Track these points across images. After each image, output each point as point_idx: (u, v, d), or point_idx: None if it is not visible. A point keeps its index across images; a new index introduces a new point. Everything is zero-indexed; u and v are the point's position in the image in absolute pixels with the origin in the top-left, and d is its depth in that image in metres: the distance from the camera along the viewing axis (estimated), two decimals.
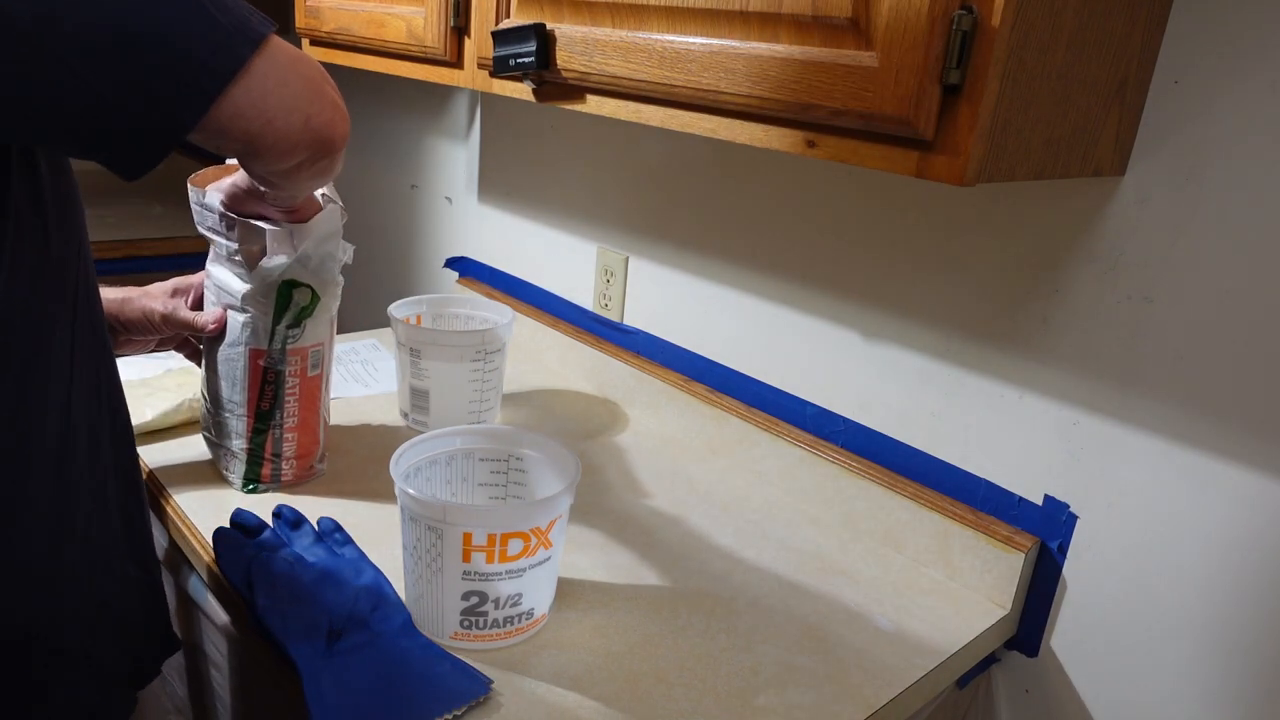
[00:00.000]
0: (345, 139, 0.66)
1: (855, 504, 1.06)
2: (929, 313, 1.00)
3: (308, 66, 0.62)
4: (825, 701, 0.77)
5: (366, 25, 1.17)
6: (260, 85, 0.57)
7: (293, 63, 0.60)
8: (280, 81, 0.59)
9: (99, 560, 0.74)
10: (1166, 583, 0.86)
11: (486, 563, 0.76)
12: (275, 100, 0.58)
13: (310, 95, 0.61)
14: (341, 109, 0.65)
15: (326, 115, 0.63)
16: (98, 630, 0.75)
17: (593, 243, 1.40)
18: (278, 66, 0.58)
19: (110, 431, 0.76)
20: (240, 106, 0.57)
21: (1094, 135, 0.75)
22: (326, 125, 0.63)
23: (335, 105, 0.64)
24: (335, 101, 0.64)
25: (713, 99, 0.75)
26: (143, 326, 0.94)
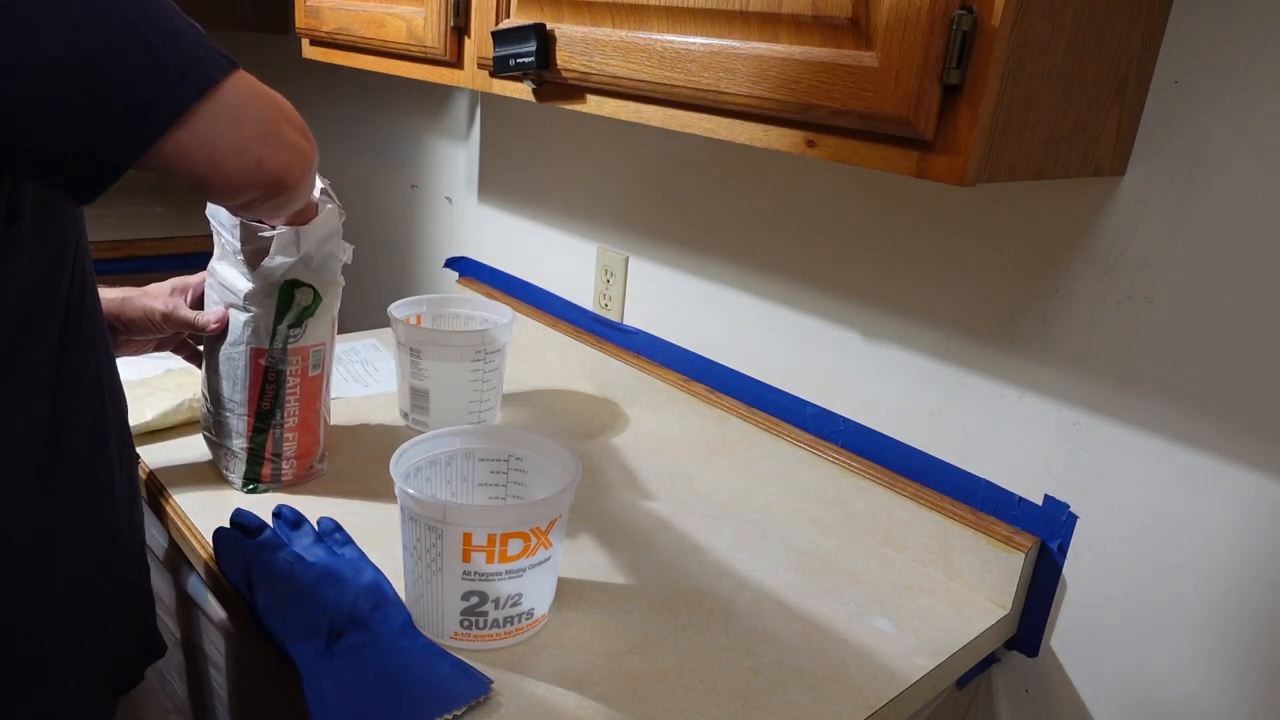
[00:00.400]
0: (301, 180, 0.66)
1: (855, 504, 1.06)
2: (929, 313, 1.00)
3: (266, 107, 0.62)
4: (825, 702, 0.77)
5: (366, 25, 1.17)
6: (208, 128, 0.57)
7: (249, 104, 0.60)
8: (232, 124, 0.59)
9: (95, 562, 0.74)
10: (1166, 583, 0.86)
11: (486, 563, 0.76)
12: (225, 144, 0.59)
13: (264, 138, 0.61)
14: (300, 150, 0.65)
15: (281, 158, 0.63)
16: (85, 633, 0.74)
17: (593, 243, 1.40)
18: (230, 109, 0.59)
19: (116, 432, 0.76)
20: (186, 149, 0.57)
21: (1094, 135, 0.75)
22: (280, 168, 0.63)
23: (292, 147, 0.64)
24: (293, 143, 0.64)
25: (713, 99, 0.75)
26: (143, 326, 0.94)
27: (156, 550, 1.03)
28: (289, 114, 0.65)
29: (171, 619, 1.04)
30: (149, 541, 1.03)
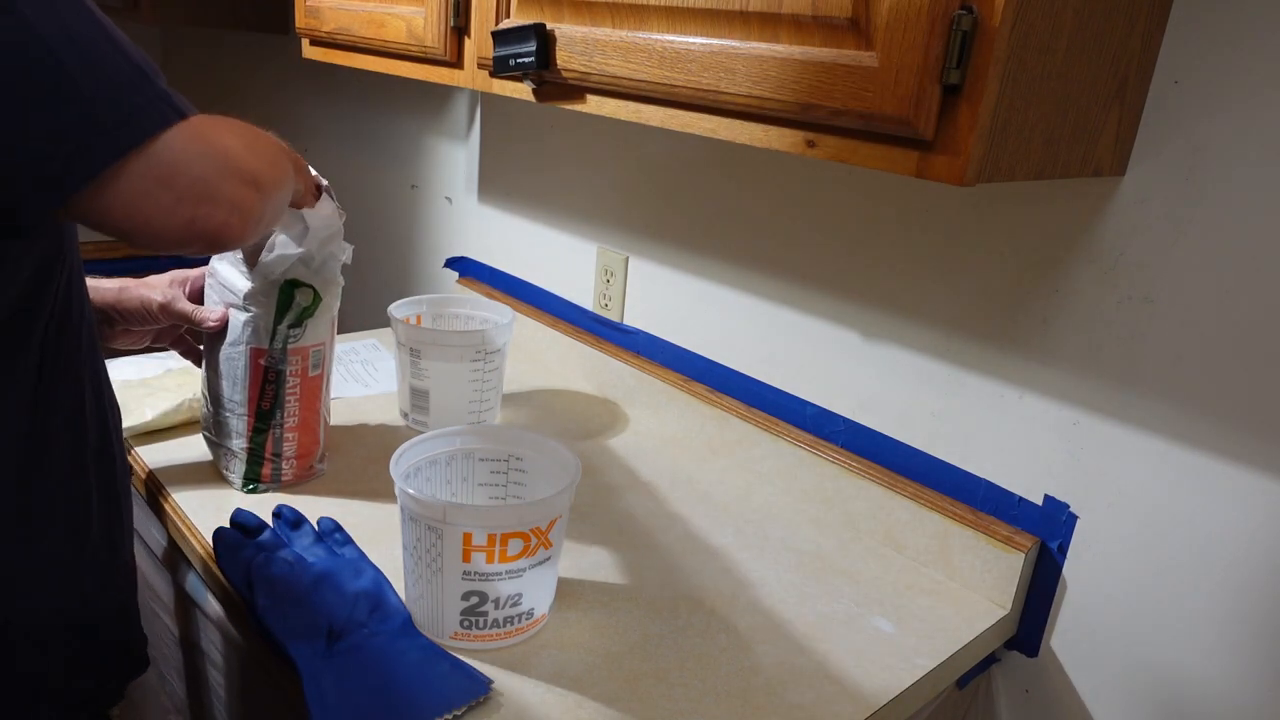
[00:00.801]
0: (244, 234, 0.61)
1: (855, 504, 1.06)
2: (929, 313, 1.00)
3: (206, 162, 0.58)
4: (825, 702, 0.77)
5: (366, 25, 1.17)
6: (133, 187, 0.54)
7: (185, 161, 0.56)
8: (161, 182, 0.55)
9: (75, 581, 0.74)
10: (1166, 582, 0.86)
11: (486, 563, 0.76)
12: (151, 204, 0.55)
13: (199, 197, 0.57)
14: (244, 206, 0.60)
15: (218, 218, 0.58)
16: (65, 651, 0.74)
17: (593, 243, 1.40)
18: (161, 166, 0.55)
19: (99, 448, 0.76)
20: (106, 205, 0.54)
21: (1094, 135, 0.75)
22: (217, 228, 0.58)
23: (234, 204, 0.59)
24: (235, 200, 0.60)
25: (713, 99, 0.75)
26: (140, 316, 0.93)
27: (156, 550, 1.03)
28: (237, 165, 0.60)
29: (171, 618, 1.04)
30: (149, 541, 1.03)
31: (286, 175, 0.70)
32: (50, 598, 0.72)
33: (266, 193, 0.63)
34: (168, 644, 1.06)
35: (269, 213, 0.65)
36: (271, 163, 0.65)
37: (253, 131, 0.67)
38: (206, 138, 0.58)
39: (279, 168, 0.67)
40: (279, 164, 0.68)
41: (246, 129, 0.66)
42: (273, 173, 0.65)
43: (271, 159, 0.66)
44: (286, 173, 0.70)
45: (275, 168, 0.66)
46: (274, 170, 0.65)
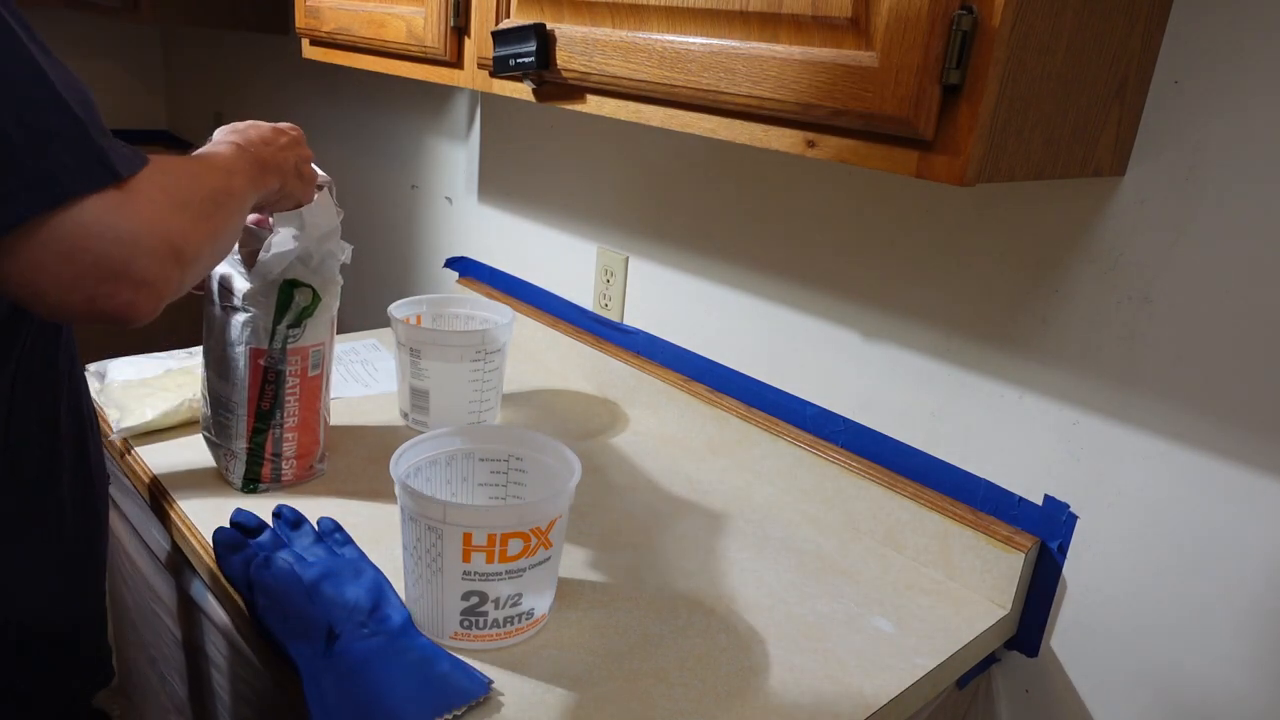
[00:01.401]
0: (154, 312, 0.57)
1: (855, 504, 1.06)
2: (929, 313, 1.00)
3: (117, 240, 0.53)
4: (825, 701, 0.77)
5: (366, 25, 1.17)
6: (33, 257, 0.50)
7: (97, 236, 0.52)
8: (62, 257, 0.51)
9: (50, 586, 0.74)
10: (1166, 582, 0.86)
11: (486, 563, 0.76)
12: (47, 277, 0.51)
13: (104, 276, 0.53)
14: (157, 285, 0.56)
15: (122, 298, 0.54)
16: (37, 662, 0.74)
17: (593, 243, 1.40)
18: (65, 240, 0.51)
19: (75, 458, 0.76)
20: (4, 270, 0.51)
21: (1094, 136, 0.75)
22: (119, 308, 0.54)
23: (143, 284, 0.55)
24: (147, 278, 0.55)
25: (713, 99, 0.75)
26: None
27: (159, 553, 1.03)
28: (157, 239, 0.55)
29: (174, 621, 1.04)
30: (150, 544, 1.03)
31: (229, 218, 0.67)
32: (22, 607, 0.72)
33: (190, 261, 0.59)
34: (168, 644, 1.06)
35: (196, 274, 0.62)
36: (207, 217, 0.62)
37: (197, 178, 0.64)
38: (127, 207, 0.54)
39: (219, 216, 0.65)
40: (220, 211, 0.65)
41: (191, 176, 0.63)
42: (208, 229, 0.62)
43: (210, 211, 0.63)
44: (230, 213, 0.68)
45: (213, 220, 0.63)
46: (210, 225, 0.62)
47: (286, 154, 0.83)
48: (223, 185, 0.68)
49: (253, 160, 0.76)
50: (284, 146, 0.83)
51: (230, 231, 0.68)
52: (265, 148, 0.80)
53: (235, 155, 0.74)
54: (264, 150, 0.79)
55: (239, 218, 0.71)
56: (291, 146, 0.85)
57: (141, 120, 2.93)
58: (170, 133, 2.96)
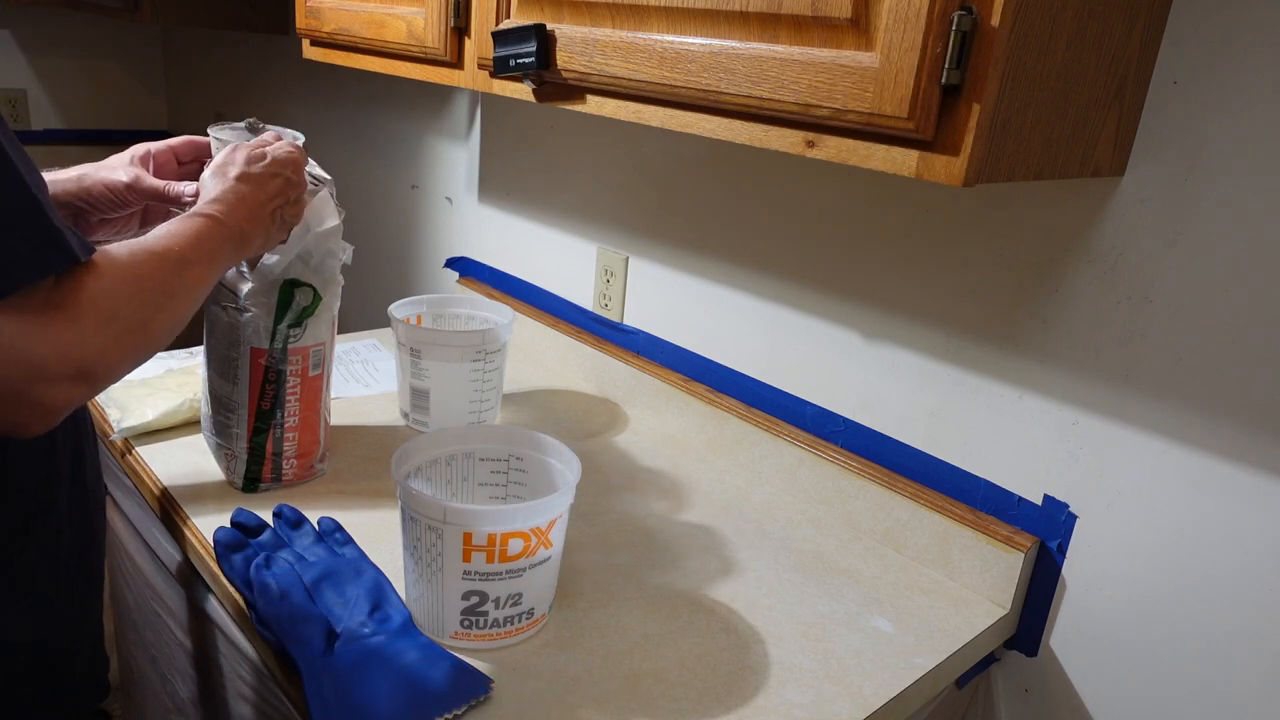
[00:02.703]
0: (48, 428, 0.56)
1: (855, 504, 1.06)
2: (929, 313, 1.00)
3: (11, 367, 0.52)
4: (824, 701, 0.78)
5: (367, 26, 1.17)
6: None
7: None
8: None
9: (47, 605, 0.73)
10: (1165, 582, 0.86)
11: (487, 562, 0.76)
12: None
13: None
14: (53, 405, 0.55)
15: (15, 418, 0.53)
16: (19, 680, 0.73)
17: (593, 243, 1.40)
18: None
19: (72, 475, 0.75)
20: None
21: (1093, 136, 0.75)
22: (10, 427, 0.54)
23: (36, 406, 0.54)
24: (42, 402, 0.54)
25: (713, 99, 0.75)
26: (109, 202, 0.88)
27: (159, 552, 1.03)
28: (74, 363, 0.54)
29: (173, 619, 1.04)
30: (159, 552, 1.03)
31: (172, 314, 0.65)
32: (16, 624, 0.71)
33: (102, 377, 0.59)
34: (168, 644, 1.06)
35: (115, 380, 0.62)
36: (138, 327, 0.61)
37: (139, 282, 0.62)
38: (43, 329, 0.53)
39: (157, 319, 0.63)
40: (160, 313, 0.63)
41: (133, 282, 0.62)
42: (134, 342, 0.60)
43: (146, 316, 0.62)
44: (176, 309, 0.66)
45: (147, 326, 0.62)
46: (139, 336, 0.61)
47: (270, 206, 0.82)
48: (170, 283, 0.66)
49: (227, 236, 0.75)
50: (270, 198, 0.82)
51: (171, 326, 0.67)
52: (246, 212, 0.79)
53: (205, 235, 0.73)
54: (244, 218, 0.78)
55: (188, 308, 0.70)
56: (281, 191, 0.83)
57: (141, 120, 2.93)
58: (170, 133, 2.96)
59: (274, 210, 0.83)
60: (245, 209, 0.79)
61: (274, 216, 0.83)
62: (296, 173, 0.86)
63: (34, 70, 2.70)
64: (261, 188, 0.82)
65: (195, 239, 0.71)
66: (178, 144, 0.95)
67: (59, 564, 0.75)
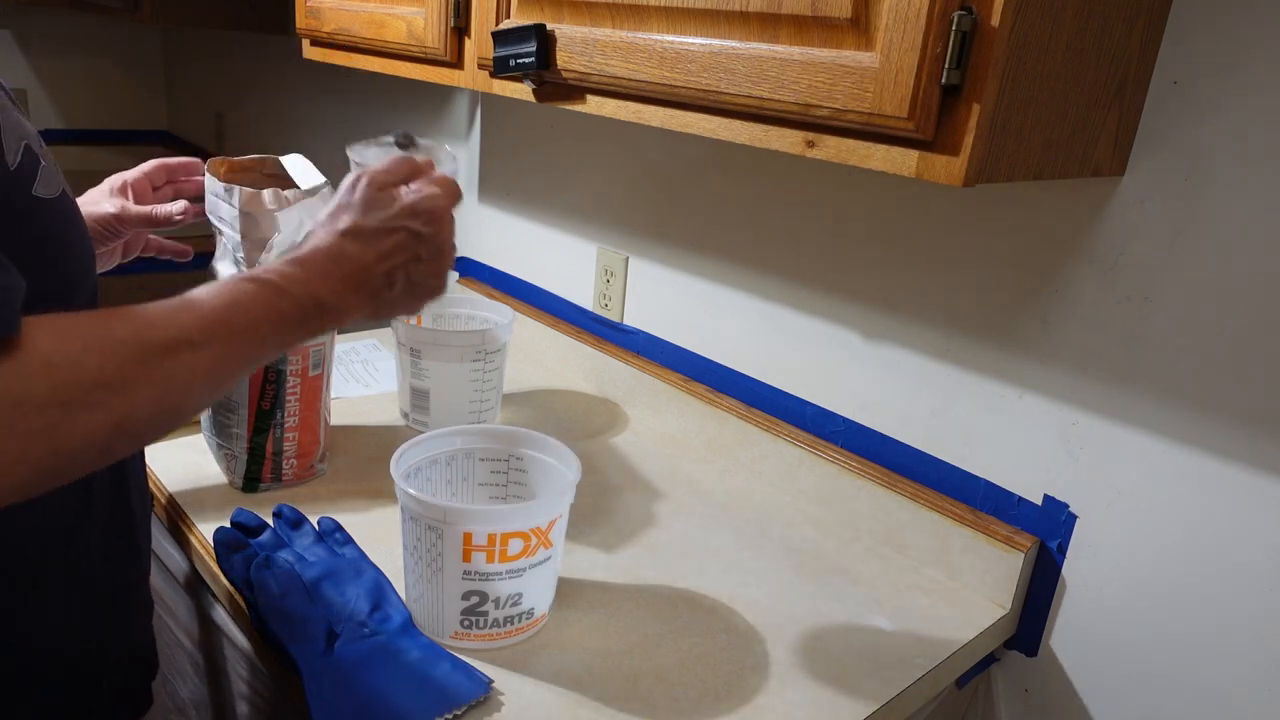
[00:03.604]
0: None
1: (855, 504, 1.06)
2: (929, 313, 1.00)
3: None
4: (824, 701, 0.78)
5: (367, 26, 1.17)
6: None
7: None
8: None
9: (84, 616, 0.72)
10: (1165, 582, 0.86)
11: (487, 562, 0.76)
12: None
13: None
14: None
15: None
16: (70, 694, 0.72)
17: (593, 243, 1.40)
18: None
19: (110, 496, 0.73)
20: None
21: (1093, 136, 0.75)
22: None
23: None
24: None
25: (713, 99, 0.75)
26: (100, 234, 0.87)
27: (176, 572, 1.03)
28: None
29: (174, 620, 1.04)
30: (165, 561, 1.03)
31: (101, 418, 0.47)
32: (55, 650, 0.70)
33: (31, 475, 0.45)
34: (170, 645, 1.06)
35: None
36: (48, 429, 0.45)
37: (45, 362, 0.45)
38: None
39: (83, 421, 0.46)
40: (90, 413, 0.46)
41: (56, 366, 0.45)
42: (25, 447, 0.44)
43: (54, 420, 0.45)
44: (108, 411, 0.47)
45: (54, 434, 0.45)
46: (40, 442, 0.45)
47: (381, 267, 0.64)
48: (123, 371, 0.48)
49: (288, 308, 0.58)
50: (382, 257, 0.64)
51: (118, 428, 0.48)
52: (340, 276, 0.62)
53: (240, 307, 0.55)
54: (332, 284, 0.61)
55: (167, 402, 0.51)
56: (402, 247, 0.65)
57: (141, 120, 2.93)
58: (170, 133, 2.96)
59: (388, 271, 0.65)
60: (338, 272, 0.62)
61: (389, 279, 0.65)
62: (432, 223, 0.69)
63: (34, 70, 2.70)
64: (372, 244, 0.64)
65: (214, 312, 0.54)
66: (150, 168, 0.95)
67: (96, 590, 0.73)
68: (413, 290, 0.68)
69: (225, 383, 0.56)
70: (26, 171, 0.60)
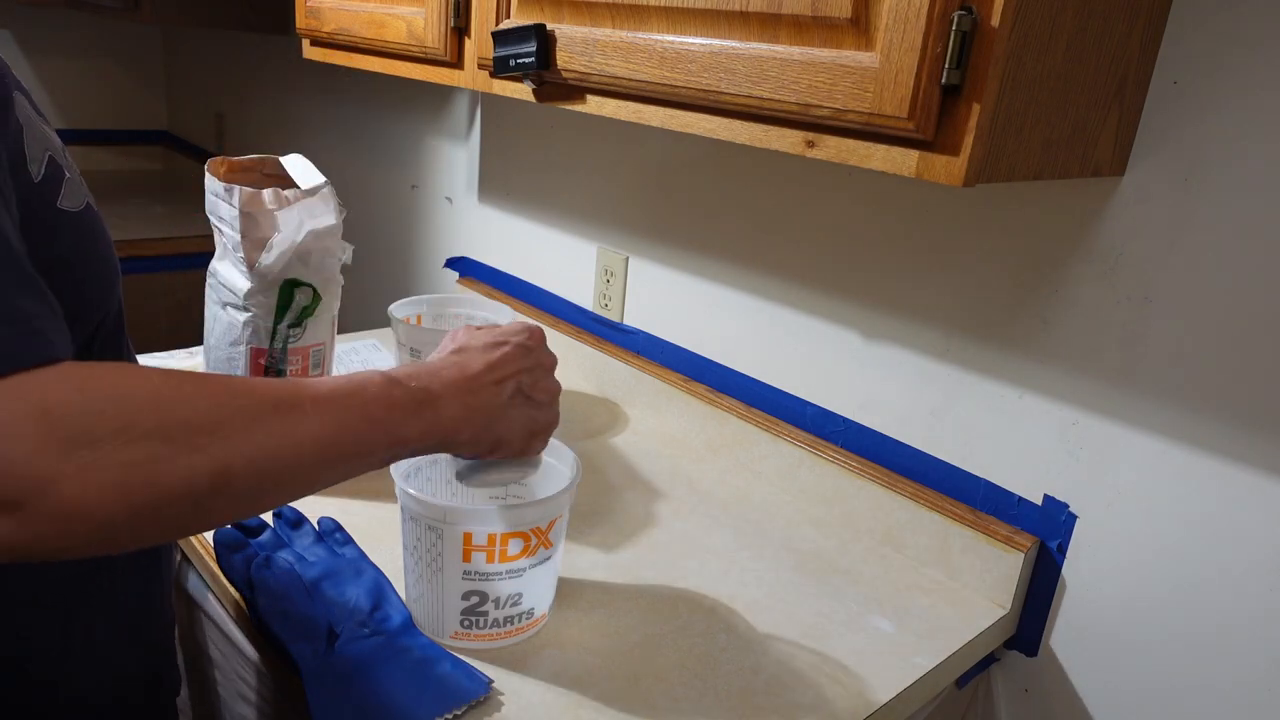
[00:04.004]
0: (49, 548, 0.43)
1: (855, 504, 1.06)
2: (929, 313, 1.00)
3: None
4: (825, 701, 0.78)
5: (367, 26, 1.17)
6: None
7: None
8: None
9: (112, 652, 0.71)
10: (1165, 582, 0.86)
11: (487, 563, 0.76)
12: None
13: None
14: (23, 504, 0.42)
15: None
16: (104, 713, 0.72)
17: (593, 243, 1.40)
18: None
19: None
20: None
21: (1093, 135, 0.75)
22: None
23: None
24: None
25: (713, 99, 0.75)
26: None
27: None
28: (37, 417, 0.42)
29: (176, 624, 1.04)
30: None
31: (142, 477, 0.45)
32: (88, 668, 0.70)
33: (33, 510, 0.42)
34: None
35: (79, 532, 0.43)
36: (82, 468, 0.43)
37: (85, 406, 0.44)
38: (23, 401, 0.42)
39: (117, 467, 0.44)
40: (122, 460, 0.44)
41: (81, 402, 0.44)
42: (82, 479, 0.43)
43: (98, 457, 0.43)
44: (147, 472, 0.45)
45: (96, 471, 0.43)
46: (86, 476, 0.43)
47: (491, 376, 0.65)
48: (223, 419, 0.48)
49: (398, 399, 0.57)
50: (491, 366, 0.65)
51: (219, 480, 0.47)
52: (448, 378, 0.62)
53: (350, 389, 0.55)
54: (440, 382, 0.61)
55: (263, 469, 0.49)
56: (512, 359, 0.67)
57: (141, 120, 2.93)
58: (170, 133, 2.96)
59: (498, 380, 0.66)
60: (449, 374, 0.63)
61: (499, 386, 0.66)
62: (535, 339, 0.72)
63: (34, 70, 2.70)
64: (481, 355, 0.66)
65: (328, 385, 0.54)
66: None
67: (126, 606, 0.72)
68: (526, 397, 0.68)
69: (334, 462, 0.54)
70: (51, 184, 0.59)
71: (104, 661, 0.71)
